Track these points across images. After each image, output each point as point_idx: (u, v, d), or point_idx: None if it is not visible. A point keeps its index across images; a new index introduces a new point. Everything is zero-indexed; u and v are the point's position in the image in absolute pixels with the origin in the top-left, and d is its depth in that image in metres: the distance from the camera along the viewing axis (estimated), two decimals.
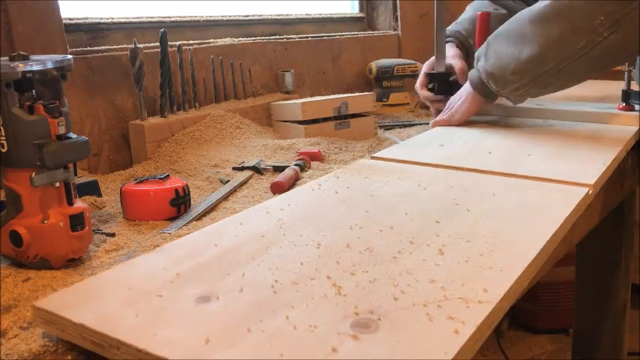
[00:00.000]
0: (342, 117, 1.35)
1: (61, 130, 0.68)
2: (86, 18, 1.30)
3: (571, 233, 0.98)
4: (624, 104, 1.20)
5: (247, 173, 1.06)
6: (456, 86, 1.29)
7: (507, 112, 1.29)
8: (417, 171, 0.89)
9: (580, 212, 0.75)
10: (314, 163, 1.11)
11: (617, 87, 1.25)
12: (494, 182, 0.82)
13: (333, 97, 1.40)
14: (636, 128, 1.11)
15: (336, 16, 1.96)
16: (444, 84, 1.29)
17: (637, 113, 1.17)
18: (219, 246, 0.62)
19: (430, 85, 1.31)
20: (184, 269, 0.57)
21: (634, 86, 1.21)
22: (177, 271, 0.56)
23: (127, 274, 0.57)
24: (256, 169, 1.08)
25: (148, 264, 0.59)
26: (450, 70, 1.32)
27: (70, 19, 1.25)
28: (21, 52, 0.69)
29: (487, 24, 1.30)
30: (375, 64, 1.78)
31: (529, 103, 1.27)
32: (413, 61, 1.79)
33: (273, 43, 1.60)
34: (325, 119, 1.34)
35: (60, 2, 1.13)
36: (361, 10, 2.09)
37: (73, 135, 0.71)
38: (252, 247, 0.62)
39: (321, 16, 1.91)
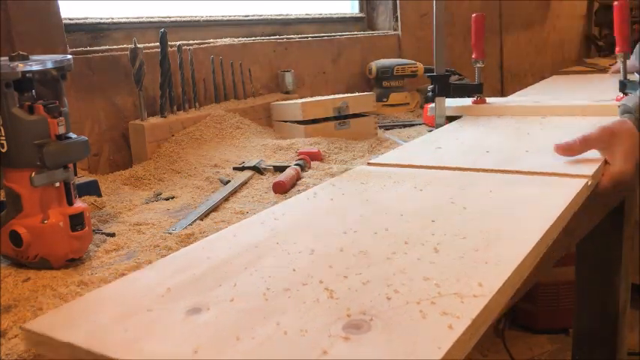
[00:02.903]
0: (342, 117, 1.35)
1: (61, 130, 0.68)
2: (86, 18, 1.30)
3: (571, 233, 0.98)
4: (622, 95, 1.17)
5: (248, 173, 1.06)
6: (455, 88, 1.28)
7: (504, 111, 1.28)
8: (414, 174, 0.88)
9: (579, 204, 0.75)
10: (314, 163, 1.11)
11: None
12: (492, 180, 0.82)
13: (333, 97, 1.40)
14: None
15: (336, 16, 1.96)
16: (444, 86, 1.28)
17: None
18: (211, 258, 0.61)
19: (430, 87, 1.30)
20: (175, 283, 0.56)
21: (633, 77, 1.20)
22: (169, 285, 0.55)
23: (117, 292, 0.56)
24: (257, 169, 1.08)
25: (140, 280, 0.58)
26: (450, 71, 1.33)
27: (70, 19, 1.25)
28: (21, 52, 0.69)
29: (482, 24, 1.32)
30: (375, 64, 1.79)
31: (527, 102, 1.25)
32: (413, 61, 1.79)
33: (273, 43, 1.60)
34: (325, 119, 1.34)
35: (60, 2, 1.13)
36: (361, 10, 2.09)
37: (72, 135, 0.71)
38: (245, 257, 0.61)
39: (321, 16, 1.91)
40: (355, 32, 1.98)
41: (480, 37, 1.31)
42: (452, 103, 1.34)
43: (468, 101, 1.36)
